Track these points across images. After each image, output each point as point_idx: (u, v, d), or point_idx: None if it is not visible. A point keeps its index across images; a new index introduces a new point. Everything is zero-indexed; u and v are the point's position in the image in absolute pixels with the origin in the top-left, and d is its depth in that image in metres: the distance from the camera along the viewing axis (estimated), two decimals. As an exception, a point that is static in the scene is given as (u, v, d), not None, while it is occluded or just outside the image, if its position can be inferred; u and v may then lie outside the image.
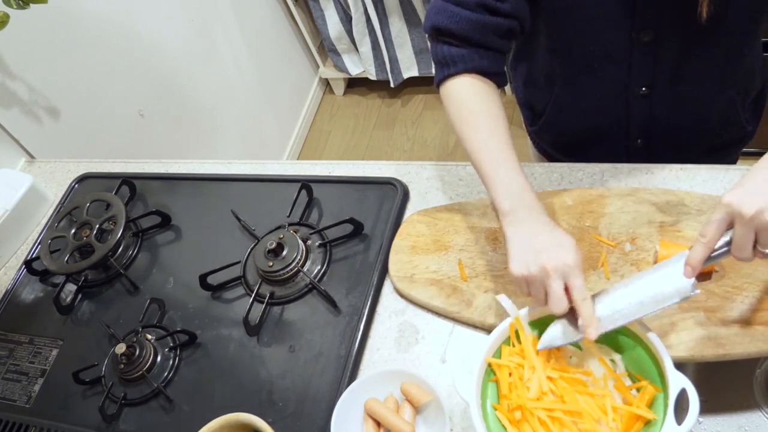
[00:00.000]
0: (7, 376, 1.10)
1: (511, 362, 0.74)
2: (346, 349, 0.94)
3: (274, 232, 1.08)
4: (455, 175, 1.09)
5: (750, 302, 0.80)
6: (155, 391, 0.99)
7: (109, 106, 1.81)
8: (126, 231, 1.18)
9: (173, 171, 1.31)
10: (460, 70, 0.89)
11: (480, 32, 0.88)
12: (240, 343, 1.00)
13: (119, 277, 1.15)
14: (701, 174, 0.97)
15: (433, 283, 0.95)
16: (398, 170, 1.14)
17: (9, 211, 1.28)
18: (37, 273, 1.22)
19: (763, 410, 0.81)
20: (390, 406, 0.86)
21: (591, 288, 0.87)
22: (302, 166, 1.22)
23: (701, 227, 0.67)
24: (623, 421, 0.68)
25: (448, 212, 1.02)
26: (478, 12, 0.86)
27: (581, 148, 1.12)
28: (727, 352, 0.77)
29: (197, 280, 1.06)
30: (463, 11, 0.87)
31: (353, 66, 2.73)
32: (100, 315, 1.12)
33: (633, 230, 0.91)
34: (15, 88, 1.50)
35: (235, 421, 0.85)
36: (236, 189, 1.21)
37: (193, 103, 2.17)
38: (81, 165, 1.42)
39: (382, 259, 1.01)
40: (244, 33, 2.41)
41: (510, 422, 0.71)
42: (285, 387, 0.94)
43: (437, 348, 0.92)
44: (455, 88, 0.90)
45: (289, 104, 2.76)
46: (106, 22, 1.78)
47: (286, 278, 1.03)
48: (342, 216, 1.05)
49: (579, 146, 1.13)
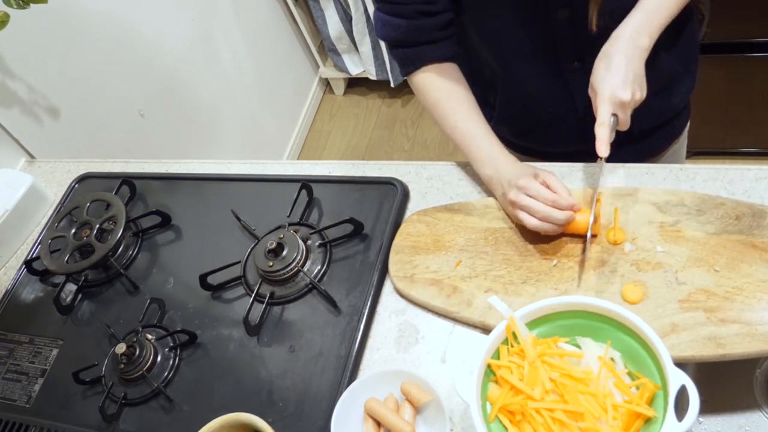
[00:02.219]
0: (7, 376, 1.10)
1: (511, 363, 0.74)
2: (346, 349, 0.94)
3: (274, 232, 1.08)
4: (455, 175, 1.09)
5: (750, 302, 0.80)
6: (155, 391, 0.99)
7: (109, 106, 1.81)
8: (126, 231, 1.18)
9: (173, 171, 1.31)
10: (419, 66, 1.02)
11: (425, 34, 0.99)
12: (240, 343, 1.00)
13: (119, 277, 1.15)
14: (701, 174, 0.97)
15: (433, 283, 0.95)
16: (398, 170, 1.14)
17: (9, 211, 1.28)
18: (37, 273, 1.22)
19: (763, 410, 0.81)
20: (390, 406, 0.85)
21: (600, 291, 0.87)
22: (302, 166, 1.22)
23: (598, 119, 0.86)
24: (624, 420, 0.68)
25: (448, 212, 1.02)
26: (418, 18, 0.97)
27: (538, 130, 1.15)
28: (727, 352, 0.77)
29: (197, 280, 1.06)
30: (405, 21, 0.98)
31: (353, 66, 2.73)
32: (100, 315, 1.12)
33: (633, 230, 0.91)
34: (15, 88, 1.50)
35: (235, 421, 0.85)
36: (236, 189, 1.21)
37: (193, 103, 2.17)
38: (81, 165, 1.42)
39: (382, 259, 1.01)
40: (244, 33, 2.41)
41: (510, 422, 0.71)
42: (285, 387, 0.94)
43: (437, 348, 0.92)
44: (421, 83, 1.03)
45: (289, 104, 2.76)
46: (106, 22, 1.78)
47: (286, 278, 1.03)
48: (342, 216, 1.05)
49: (535, 129, 1.15)
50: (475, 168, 1.01)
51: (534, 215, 0.89)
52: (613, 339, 0.74)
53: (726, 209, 0.89)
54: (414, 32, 0.99)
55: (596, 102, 0.88)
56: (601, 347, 0.74)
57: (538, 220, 0.89)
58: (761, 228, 0.86)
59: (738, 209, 0.88)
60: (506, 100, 1.12)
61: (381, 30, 1.02)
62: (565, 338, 0.76)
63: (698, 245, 0.87)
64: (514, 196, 0.91)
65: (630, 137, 1.09)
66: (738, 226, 0.87)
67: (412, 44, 1.00)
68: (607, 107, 0.86)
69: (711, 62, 1.82)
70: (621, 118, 0.88)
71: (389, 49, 1.04)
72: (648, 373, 0.71)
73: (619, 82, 0.85)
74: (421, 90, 1.04)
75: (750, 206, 0.88)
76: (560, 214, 0.88)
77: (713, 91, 1.90)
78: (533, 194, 0.89)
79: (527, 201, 0.89)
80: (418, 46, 1.00)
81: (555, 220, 0.88)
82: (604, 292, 0.87)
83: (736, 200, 0.90)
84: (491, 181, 0.99)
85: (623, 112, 0.87)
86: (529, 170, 0.93)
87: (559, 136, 1.12)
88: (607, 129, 0.86)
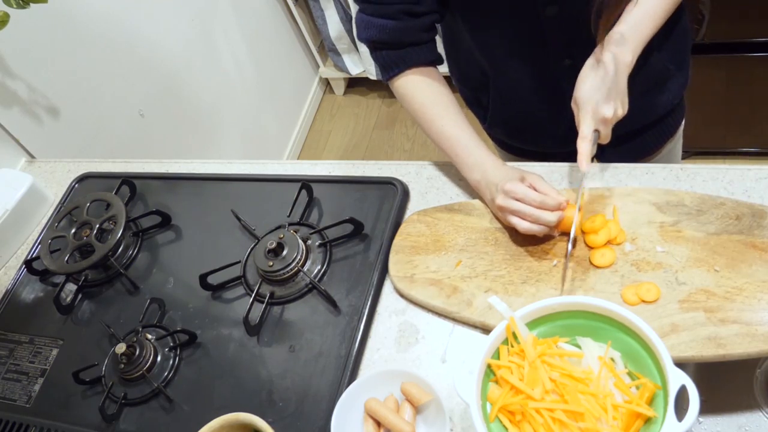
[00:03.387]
0: (7, 376, 1.10)
1: (511, 363, 0.74)
2: (346, 349, 0.94)
3: (274, 232, 1.08)
4: (455, 175, 1.09)
5: (750, 302, 0.80)
6: (155, 391, 0.99)
7: (109, 106, 1.81)
8: (126, 231, 1.18)
9: (173, 171, 1.31)
10: (403, 69, 1.01)
11: (409, 35, 0.98)
12: (240, 343, 1.00)
13: (119, 276, 1.15)
14: (701, 174, 0.97)
15: (433, 283, 0.95)
16: (398, 170, 1.14)
17: (9, 211, 1.28)
18: (37, 273, 1.22)
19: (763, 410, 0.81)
20: (390, 406, 0.86)
21: (601, 291, 0.87)
22: (302, 166, 1.22)
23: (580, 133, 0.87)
24: (624, 420, 0.68)
25: (448, 212, 1.02)
26: (402, 19, 0.96)
27: (531, 130, 1.15)
28: (727, 352, 0.77)
29: (197, 280, 1.06)
30: (389, 22, 0.96)
31: (353, 66, 2.73)
32: (100, 315, 1.12)
33: (633, 230, 0.91)
34: (15, 88, 1.50)
35: (235, 421, 0.85)
36: (236, 189, 1.21)
37: (193, 103, 2.17)
38: (81, 165, 1.42)
39: (382, 259, 1.01)
40: (244, 33, 2.41)
41: (510, 422, 0.71)
42: (285, 387, 0.94)
43: (437, 348, 0.92)
44: (404, 88, 1.02)
45: (289, 104, 2.76)
46: (106, 22, 1.78)
47: (286, 278, 1.03)
48: (342, 216, 1.05)
49: (529, 130, 1.15)
50: (463, 173, 1.01)
51: (524, 218, 0.89)
52: (613, 339, 0.74)
53: (726, 209, 0.89)
54: (399, 33, 0.97)
55: (579, 116, 0.88)
56: (601, 347, 0.74)
57: (529, 223, 0.89)
58: (761, 228, 0.86)
59: (738, 209, 0.88)
60: (499, 101, 1.12)
61: (364, 32, 1.00)
62: (565, 338, 0.76)
63: (698, 245, 0.87)
64: (502, 201, 0.91)
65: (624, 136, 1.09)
66: (738, 226, 0.87)
67: (396, 46, 0.99)
68: (590, 122, 0.87)
69: (711, 62, 1.82)
70: (602, 133, 0.89)
71: (372, 51, 1.02)
72: (648, 373, 0.71)
73: (602, 98, 0.86)
74: (403, 95, 1.02)
75: (750, 206, 0.88)
76: (549, 215, 0.88)
77: (713, 91, 1.90)
78: (520, 197, 0.89)
79: (516, 205, 0.89)
80: (403, 48, 0.99)
81: (545, 222, 0.88)
82: (604, 292, 0.87)
83: (736, 200, 0.90)
84: (479, 185, 0.99)
85: (605, 128, 0.88)
86: (515, 173, 0.93)
87: (552, 135, 1.12)
88: (589, 144, 0.87)
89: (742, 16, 1.72)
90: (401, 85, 1.02)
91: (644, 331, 0.71)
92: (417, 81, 1.01)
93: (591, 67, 0.88)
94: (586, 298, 0.75)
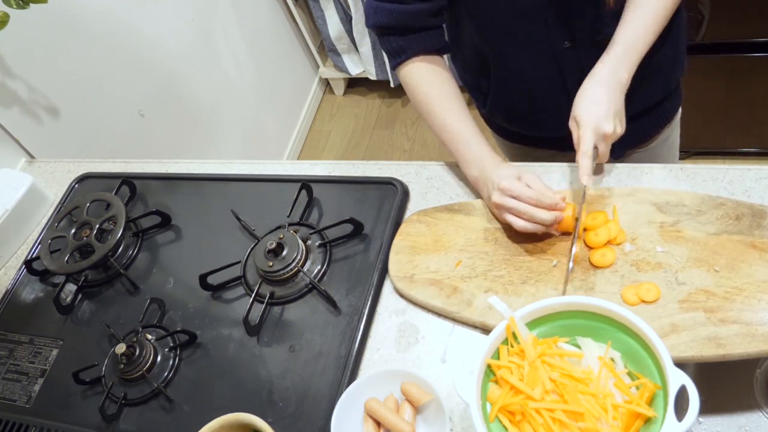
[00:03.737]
0: (7, 376, 1.10)
1: (511, 363, 0.74)
2: (346, 349, 0.94)
3: (274, 232, 1.08)
4: (455, 175, 1.09)
5: (750, 302, 0.80)
6: (155, 391, 0.99)
7: (109, 106, 1.81)
8: (126, 231, 1.18)
9: (173, 171, 1.31)
10: (410, 56, 1.02)
11: (419, 20, 0.99)
12: (240, 343, 1.00)
13: (119, 277, 1.15)
14: (701, 174, 0.97)
15: (433, 283, 0.95)
16: (398, 170, 1.14)
17: (9, 211, 1.28)
18: (37, 273, 1.22)
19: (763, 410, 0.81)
20: (390, 406, 0.86)
21: (601, 291, 0.87)
22: (302, 166, 1.22)
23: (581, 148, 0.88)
24: (624, 420, 0.68)
25: (448, 212, 1.02)
26: (412, 3, 0.98)
27: (531, 114, 1.15)
28: (727, 352, 0.77)
29: (197, 280, 1.06)
30: (400, 6, 0.98)
31: (353, 66, 2.73)
32: (100, 315, 1.12)
33: (633, 230, 0.91)
34: (15, 88, 1.50)
35: (235, 421, 0.85)
36: (236, 189, 1.21)
37: (193, 103, 2.17)
38: (81, 165, 1.42)
39: (382, 259, 1.01)
40: (244, 33, 2.41)
41: (510, 422, 0.71)
42: (285, 387, 0.94)
43: (437, 348, 0.92)
44: (410, 75, 1.03)
45: (289, 104, 2.76)
46: (106, 22, 1.78)
47: (286, 278, 1.03)
48: (342, 216, 1.05)
49: (529, 114, 1.16)
50: (462, 168, 1.02)
51: (520, 217, 0.89)
52: (613, 339, 0.74)
53: (726, 209, 0.89)
54: (407, 17, 0.99)
55: (579, 132, 0.89)
56: (601, 347, 0.74)
57: (525, 221, 0.89)
58: (761, 228, 0.86)
59: (738, 209, 0.88)
60: (499, 85, 1.12)
61: (373, 17, 1.01)
62: (565, 338, 0.76)
63: (698, 245, 0.87)
64: (498, 198, 0.91)
65: None
66: (738, 226, 0.87)
67: (404, 31, 1.00)
68: (590, 137, 0.88)
69: (711, 62, 1.82)
70: (601, 150, 0.90)
71: (380, 38, 1.04)
72: (648, 373, 0.71)
73: (602, 114, 0.88)
74: (408, 83, 1.04)
75: (750, 206, 0.88)
76: (545, 213, 0.88)
77: (713, 91, 1.90)
78: (516, 195, 0.89)
79: (511, 203, 0.89)
80: (410, 33, 1.00)
81: (540, 220, 0.88)
82: (604, 292, 0.87)
83: (736, 200, 0.90)
84: (477, 182, 0.99)
85: (604, 144, 0.90)
86: (512, 172, 0.93)
87: (552, 119, 1.11)
88: (589, 159, 0.88)
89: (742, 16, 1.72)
90: (407, 73, 1.03)
91: (644, 331, 0.71)
92: (423, 70, 1.02)
93: (589, 85, 0.90)
94: (586, 298, 0.75)
